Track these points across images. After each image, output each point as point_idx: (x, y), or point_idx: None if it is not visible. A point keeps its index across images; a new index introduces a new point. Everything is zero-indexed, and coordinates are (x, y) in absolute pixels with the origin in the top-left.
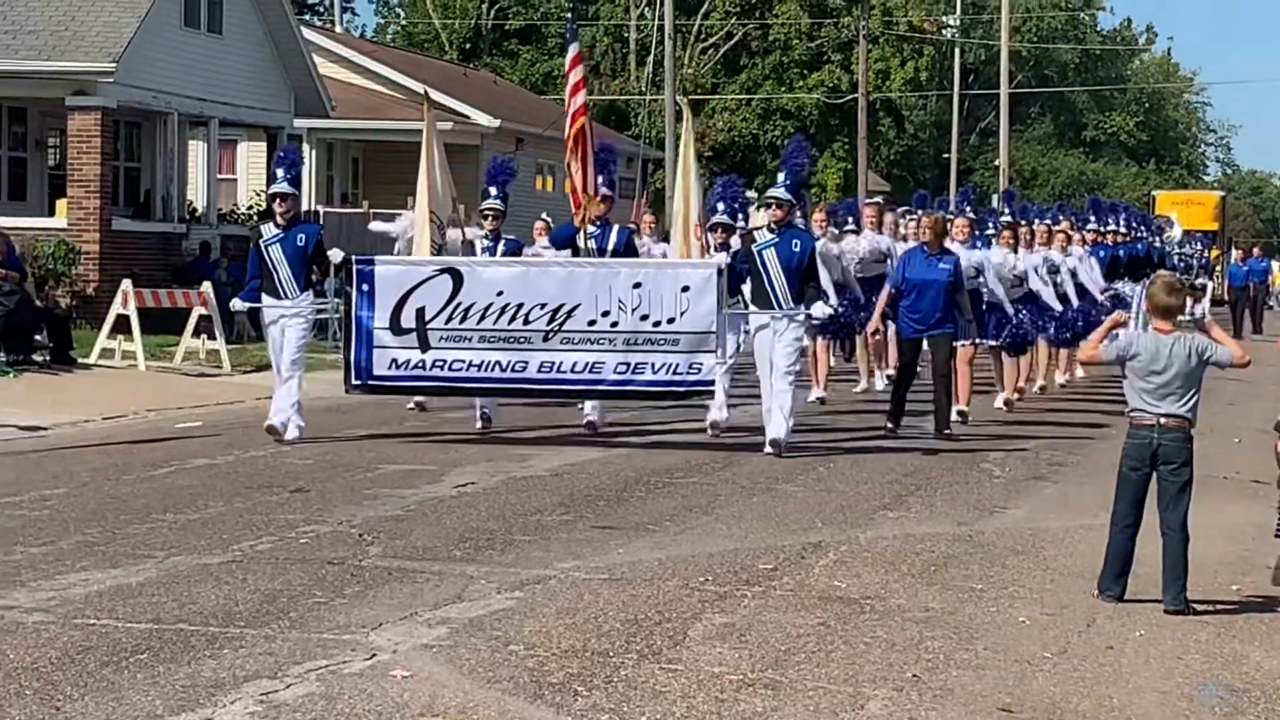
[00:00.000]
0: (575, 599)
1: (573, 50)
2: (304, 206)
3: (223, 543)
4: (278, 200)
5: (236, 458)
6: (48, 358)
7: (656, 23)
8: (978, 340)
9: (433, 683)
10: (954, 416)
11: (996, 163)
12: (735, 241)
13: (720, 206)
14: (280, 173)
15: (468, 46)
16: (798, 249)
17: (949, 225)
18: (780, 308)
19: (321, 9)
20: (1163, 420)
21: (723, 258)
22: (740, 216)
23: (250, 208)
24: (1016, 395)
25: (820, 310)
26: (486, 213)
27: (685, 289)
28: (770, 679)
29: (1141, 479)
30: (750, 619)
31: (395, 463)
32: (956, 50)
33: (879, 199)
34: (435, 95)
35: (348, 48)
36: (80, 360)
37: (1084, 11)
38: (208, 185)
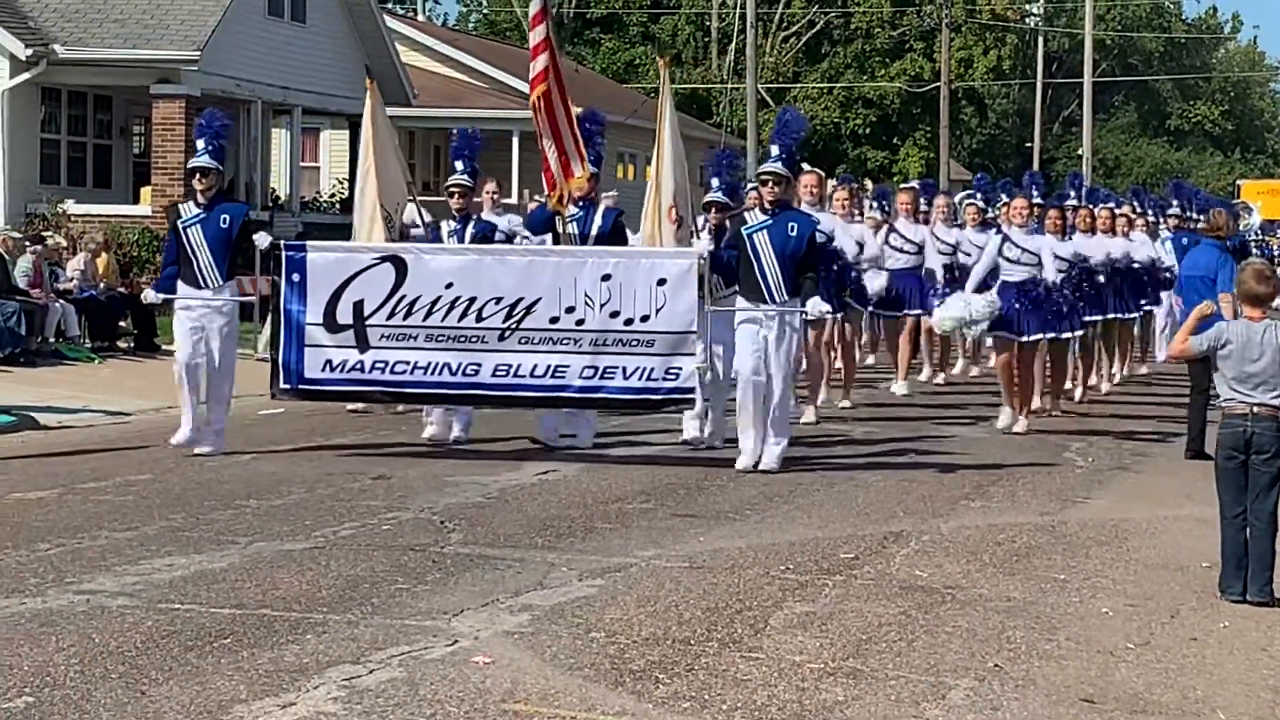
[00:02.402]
0: (656, 587)
1: (535, 5)
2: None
3: (305, 529)
4: (197, 176)
5: (319, 444)
6: (132, 344)
7: (738, 11)
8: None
9: (514, 669)
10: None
11: (1080, 152)
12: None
13: (715, 182)
14: (201, 143)
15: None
16: (794, 233)
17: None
18: (773, 301)
19: None
20: (1256, 409)
21: (705, 244)
22: (739, 194)
23: (333, 195)
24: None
25: (816, 307)
26: (452, 190)
27: (661, 282)
28: (851, 668)
29: (1239, 466)
30: (831, 608)
31: (476, 450)
32: (1040, 38)
33: (915, 184)
34: (516, 84)
35: (429, 36)
36: (164, 347)
37: None
38: (290, 173)
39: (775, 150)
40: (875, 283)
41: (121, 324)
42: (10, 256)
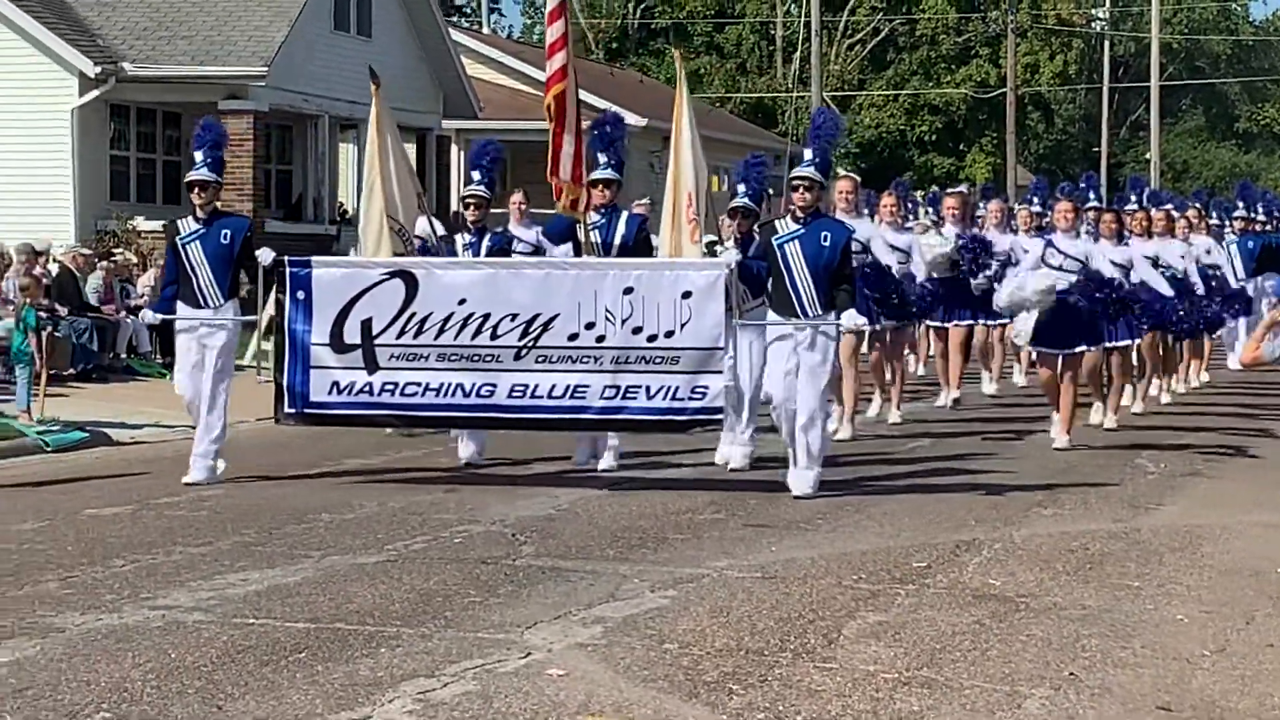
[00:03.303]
0: (729, 597)
1: (552, 1)
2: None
3: (377, 542)
4: (195, 190)
5: (389, 457)
6: None
7: (803, 19)
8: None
9: (588, 681)
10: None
11: (1147, 156)
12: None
13: (742, 188)
14: (199, 155)
15: (614, 46)
16: (828, 242)
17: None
18: (805, 315)
19: (469, 10)
20: None
21: (732, 253)
22: (767, 200)
23: None
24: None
25: (851, 320)
26: (468, 201)
27: (687, 295)
28: (926, 677)
29: None
30: (904, 617)
31: (546, 461)
32: (1106, 43)
33: (962, 189)
34: (580, 95)
35: (495, 48)
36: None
37: (1235, 2)
38: (358, 187)
39: (808, 154)
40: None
41: None
42: (81, 273)
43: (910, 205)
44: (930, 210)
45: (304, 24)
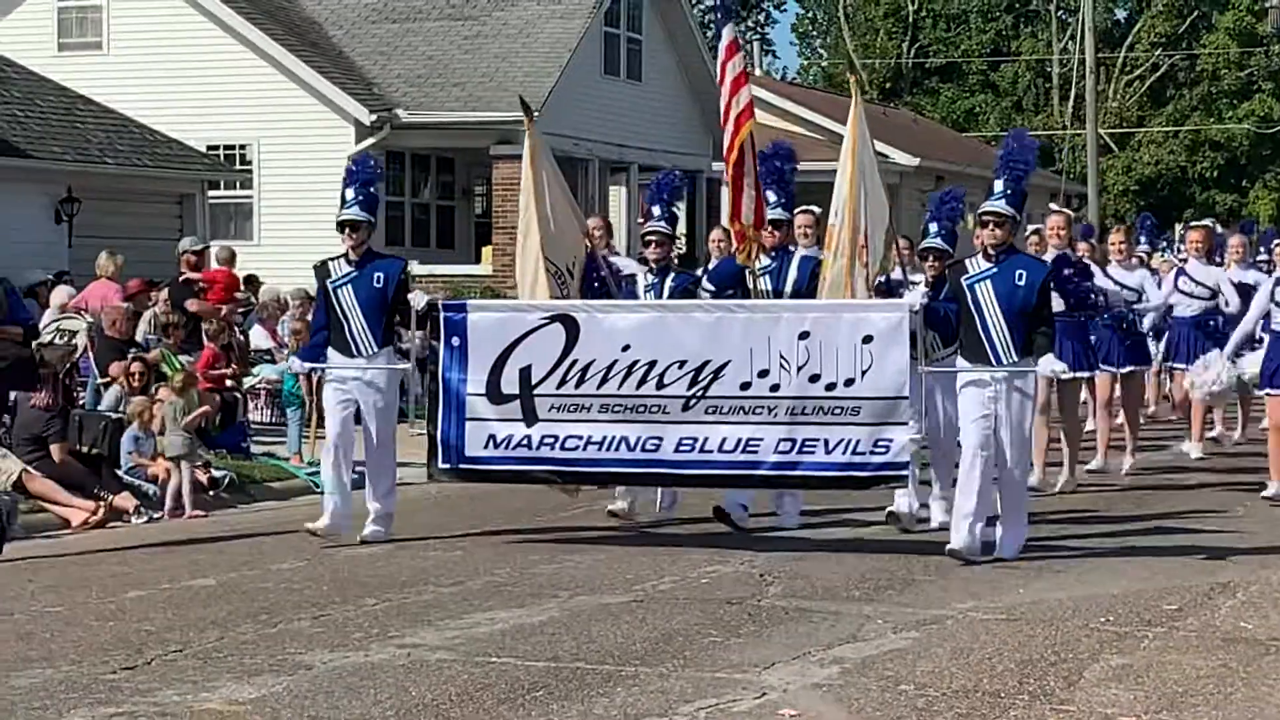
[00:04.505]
0: (971, 639)
1: (727, 35)
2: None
3: (625, 582)
4: (347, 231)
5: (640, 499)
6: None
7: (1078, 56)
8: None
9: None
10: None
11: None
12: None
13: (933, 227)
14: (350, 193)
15: (888, 85)
16: (1023, 281)
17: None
18: (999, 362)
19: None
20: None
21: (918, 295)
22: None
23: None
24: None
25: (1049, 367)
26: (649, 238)
27: (867, 339)
28: None
29: None
30: (1149, 660)
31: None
32: None
33: (1207, 222)
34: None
35: (767, 90)
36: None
37: None
38: (628, 229)
39: (999, 185)
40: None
41: None
42: None
43: (1157, 243)
44: (1166, 246)
45: (574, 69)
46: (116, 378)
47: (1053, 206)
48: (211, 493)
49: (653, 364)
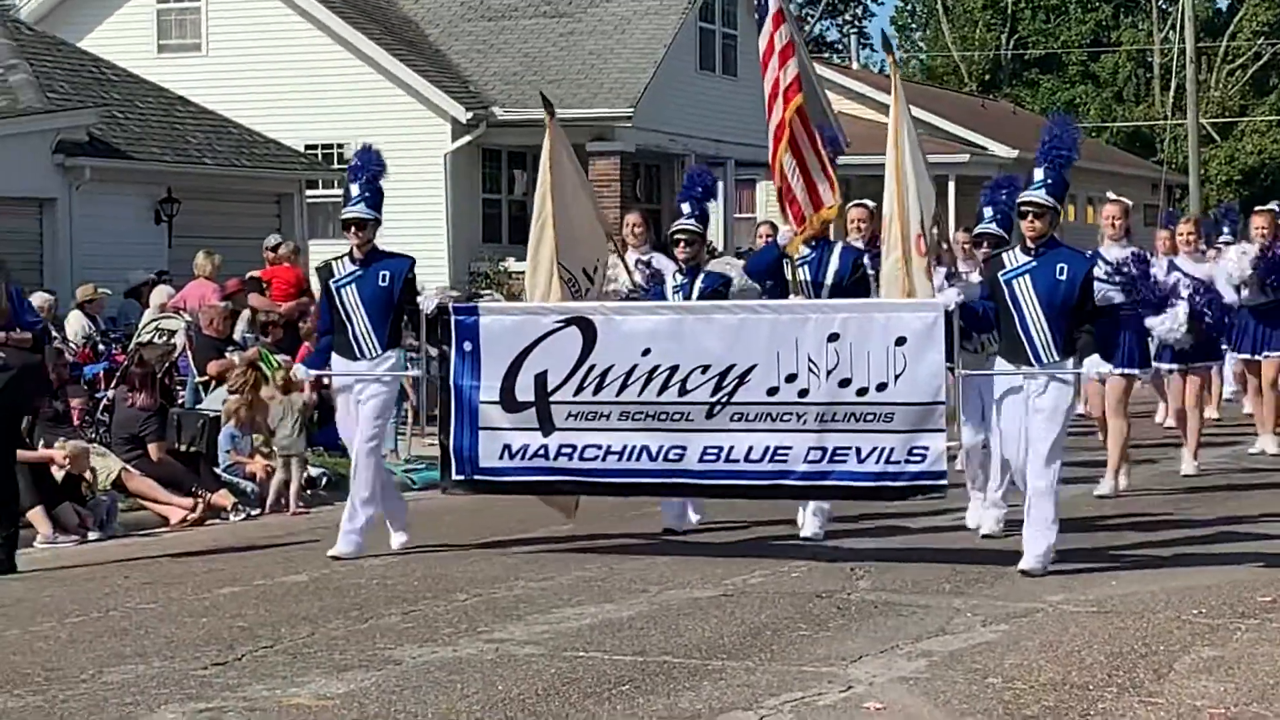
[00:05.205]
0: (1060, 631)
1: (774, 4)
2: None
3: (715, 577)
4: (352, 229)
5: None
6: None
7: (1179, 46)
8: None
9: (905, 715)
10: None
11: None
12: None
13: (988, 211)
14: (355, 189)
15: (987, 78)
16: (1064, 276)
17: None
18: (1039, 362)
19: (841, 46)
20: None
21: (953, 293)
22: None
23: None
24: None
25: (1094, 368)
26: (678, 237)
27: (900, 341)
28: (1254, 713)
29: None
30: (1241, 651)
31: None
32: None
33: (1273, 206)
34: (950, 127)
35: (863, 83)
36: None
37: None
38: (725, 225)
39: (1039, 174)
40: None
41: None
42: None
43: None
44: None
45: (669, 65)
46: (214, 376)
47: (1109, 195)
48: (310, 490)
49: (674, 369)
